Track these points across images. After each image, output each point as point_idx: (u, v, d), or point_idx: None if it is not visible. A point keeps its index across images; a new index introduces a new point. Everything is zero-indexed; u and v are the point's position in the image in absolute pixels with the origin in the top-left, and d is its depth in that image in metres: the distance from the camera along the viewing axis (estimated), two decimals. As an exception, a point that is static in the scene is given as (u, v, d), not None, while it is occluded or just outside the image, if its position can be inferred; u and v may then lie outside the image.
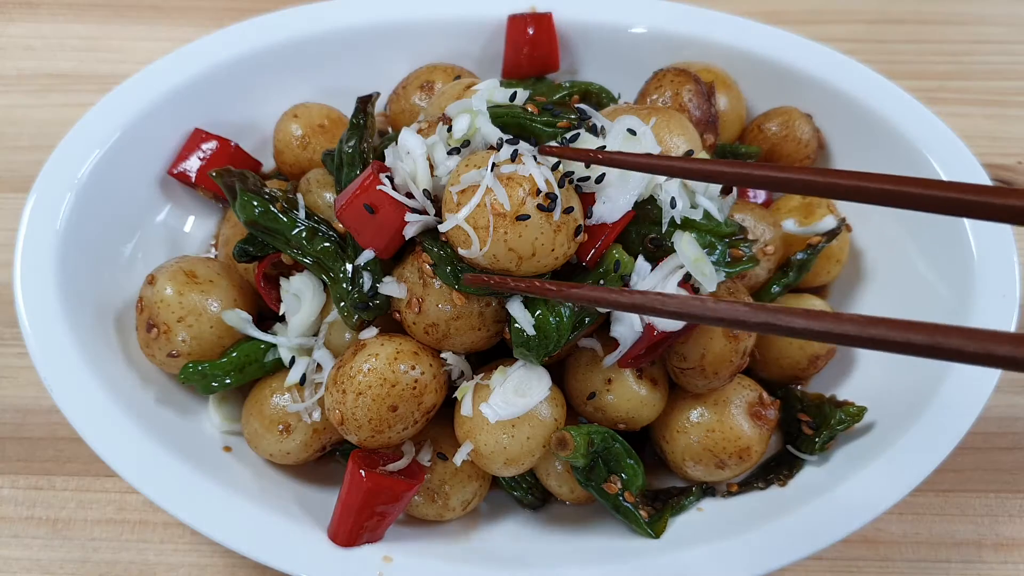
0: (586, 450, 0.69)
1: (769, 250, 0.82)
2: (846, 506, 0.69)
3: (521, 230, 0.61)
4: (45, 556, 0.80)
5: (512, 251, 0.62)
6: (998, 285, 0.77)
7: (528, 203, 0.61)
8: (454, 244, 0.64)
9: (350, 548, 0.69)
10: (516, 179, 0.61)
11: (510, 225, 0.61)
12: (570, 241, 0.64)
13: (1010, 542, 0.81)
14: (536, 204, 0.61)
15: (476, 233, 0.61)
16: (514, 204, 0.61)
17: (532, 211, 0.61)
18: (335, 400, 0.70)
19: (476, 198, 0.61)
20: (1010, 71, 1.17)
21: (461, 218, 0.62)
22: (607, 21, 0.96)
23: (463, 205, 0.62)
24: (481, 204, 0.61)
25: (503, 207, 0.60)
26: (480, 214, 0.61)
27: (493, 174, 0.61)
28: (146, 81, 0.86)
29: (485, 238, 0.61)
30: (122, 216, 0.85)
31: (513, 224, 0.61)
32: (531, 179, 0.61)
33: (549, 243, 0.62)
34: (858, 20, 1.22)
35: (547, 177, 0.62)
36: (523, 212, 0.61)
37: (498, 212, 0.60)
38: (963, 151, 0.83)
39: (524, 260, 0.62)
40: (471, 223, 0.62)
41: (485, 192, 0.61)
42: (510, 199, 0.61)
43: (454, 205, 0.63)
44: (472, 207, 0.61)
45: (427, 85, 0.90)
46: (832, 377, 0.84)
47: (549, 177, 0.62)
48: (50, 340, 0.73)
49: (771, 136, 0.91)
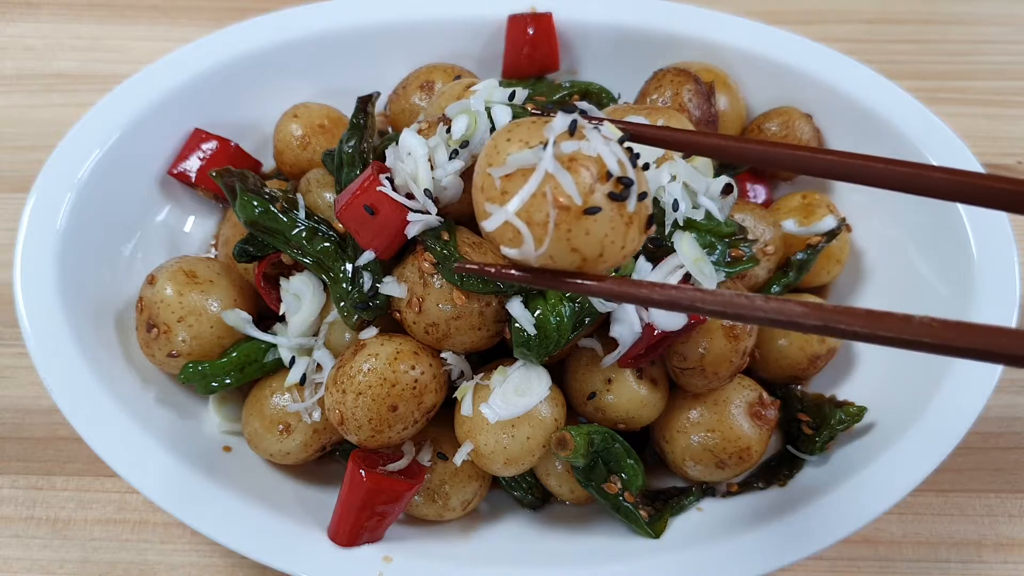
0: (586, 450, 0.69)
1: (769, 250, 0.82)
2: (846, 506, 0.69)
3: (589, 226, 0.48)
4: (45, 556, 0.80)
5: (576, 251, 0.48)
6: (998, 285, 0.77)
7: (598, 191, 0.47)
8: (495, 242, 0.50)
9: (350, 548, 0.69)
10: (581, 160, 0.48)
11: (575, 220, 0.47)
12: (642, 234, 0.51)
13: (1010, 542, 0.81)
14: (607, 192, 0.48)
15: (531, 230, 0.48)
16: (582, 193, 0.47)
17: (603, 201, 0.48)
18: (335, 400, 0.69)
19: (531, 185, 0.47)
20: (1010, 71, 1.17)
21: (511, 212, 0.48)
22: (607, 21, 0.96)
23: (511, 194, 0.48)
24: (538, 194, 0.47)
25: (569, 198, 0.47)
26: (537, 206, 0.47)
27: (553, 155, 0.47)
28: (146, 81, 0.86)
29: (542, 236, 0.48)
30: (122, 216, 0.85)
31: (579, 219, 0.47)
32: (599, 160, 0.48)
33: (620, 239, 0.49)
34: (858, 20, 1.22)
35: (619, 157, 0.49)
36: (593, 204, 0.47)
37: (562, 205, 0.47)
38: (963, 151, 0.83)
39: (588, 262, 0.49)
40: (524, 217, 0.48)
41: (544, 179, 0.47)
42: (577, 187, 0.47)
43: (497, 193, 0.49)
44: (526, 197, 0.48)
45: (427, 85, 0.90)
46: (832, 377, 0.83)
47: (622, 156, 0.49)
48: (50, 340, 0.73)
49: (771, 136, 0.91)
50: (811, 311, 0.43)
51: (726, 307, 0.45)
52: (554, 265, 0.49)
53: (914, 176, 0.45)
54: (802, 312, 0.43)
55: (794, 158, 0.50)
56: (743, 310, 0.45)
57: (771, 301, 0.44)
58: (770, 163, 0.52)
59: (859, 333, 0.41)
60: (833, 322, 0.42)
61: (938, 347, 0.40)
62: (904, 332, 0.40)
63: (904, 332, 0.40)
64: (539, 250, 0.48)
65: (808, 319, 0.43)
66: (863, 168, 0.47)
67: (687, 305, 0.46)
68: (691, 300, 0.46)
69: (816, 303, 0.44)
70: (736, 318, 0.46)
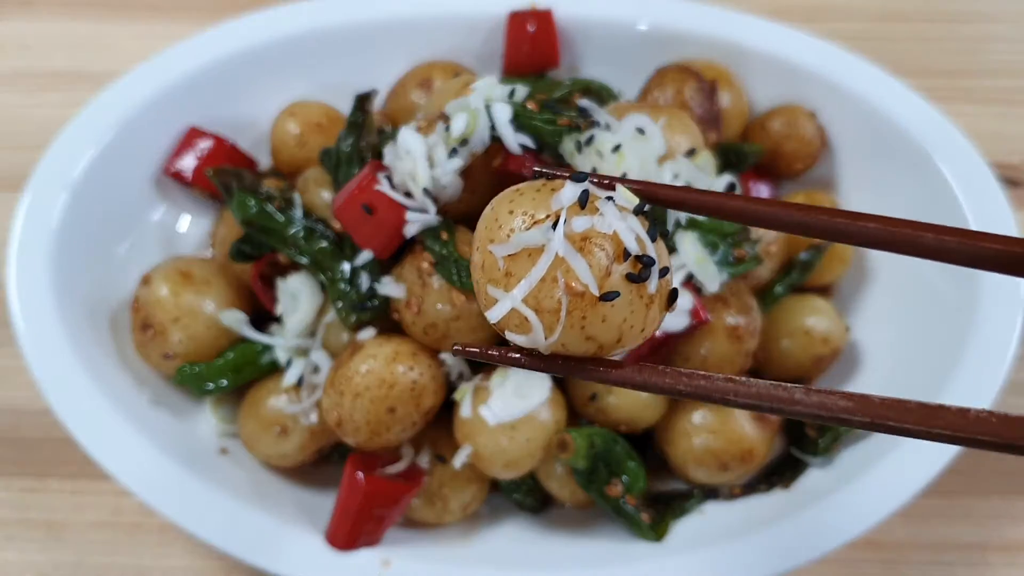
0: (587, 452, 0.69)
1: (772, 249, 0.81)
2: (851, 509, 0.68)
3: (606, 312, 0.42)
4: (40, 559, 0.79)
5: (591, 339, 0.43)
6: (1004, 283, 0.76)
7: (615, 273, 0.42)
8: (500, 328, 0.44)
9: (348, 552, 0.68)
10: (595, 239, 0.42)
11: (590, 307, 0.42)
12: (663, 312, 0.45)
13: (1016, 545, 0.81)
14: (625, 273, 0.42)
15: (540, 318, 0.42)
16: (598, 278, 0.41)
17: (621, 285, 0.42)
18: (332, 402, 0.69)
19: (539, 269, 0.41)
20: (1018, 69, 1.16)
21: (518, 299, 0.42)
22: (608, 17, 0.95)
23: (516, 277, 0.42)
24: (548, 279, 0.41)
25: (584, 285, 0.41)
26: (547, 293, 0.42)
27: (564, 235, 0.41)
28: (141, 79, 0.85)
29: (553, 324, 0.42)
30: (117, 215, 0.84)
31: (595, 306, 0.42)
32: (615, 238, 0.42)
33: (640, 322, 0.43)
34: (863, 17, 1.21)
35: (637, 232, 0.43)
36: (610, 289, 0.42)
37: (575, 291, 0.41)
38: (969, 149, 0.82)
39: (605, 348, 0.44)
40: (532, 304, 0.42)
41: (554, 262, 0.41)
42: (592, 271, 0.41)
43: (501, 275, 0.43)
44: (534, 283, 0.42)
45: (426, 82, 0.89)
46: (836, 378, 0.83)
47: (640, 231, 0.43)
48: (44, 341, 0.72)
49: (774, 134, 0.90)
50: (857, 406, 0.39)
51: (761, 399, 0.41)
52: (567, 352, 0.44)
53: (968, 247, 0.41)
54: (847, 407, 0.39)
55: (832, 225, 0.44)
56: (781, 404, 0.41)
57: (812, 394, 0.40)
58: (800, 230, 0.45)
59: (911, 430, 0.38)
60: (881, 418, 0.39)
61: (999, 445, 0.37)
62: (961, 429, 0.37)
63: (961, 429, 0.37)
64: (550, 339, 0.43)
65: (855, 415, 0.39)
66: (911, 237, 0.42)
67: (718, 397, 0.43)
68: (722, 392, 0.42)
69: (861, 396, 0.40)
70: (773, 411, 0.42)
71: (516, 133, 0.69)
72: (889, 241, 0.42)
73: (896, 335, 0.82)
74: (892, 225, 0.42)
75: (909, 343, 0.80)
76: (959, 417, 0.38)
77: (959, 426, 0.37)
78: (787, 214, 0.45)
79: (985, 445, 0.37)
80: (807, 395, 0.40)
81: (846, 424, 0.40)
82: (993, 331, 0.73)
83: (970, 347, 0.73)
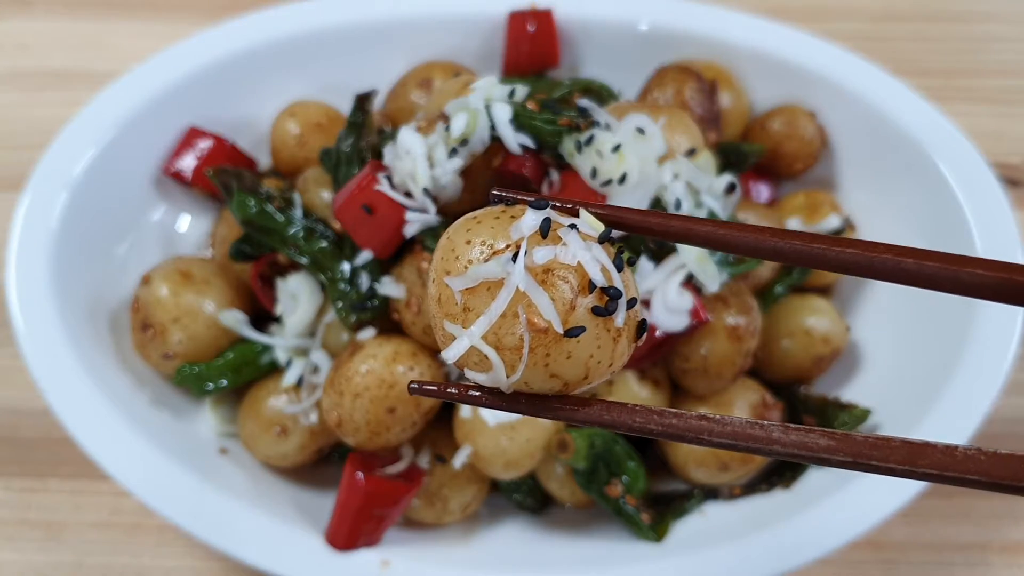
0: (587, 453, 0.68)
1: (773, 250, 0.81)
2: (851, 510, 0.68)
3: (571, 348, 0.39)
4: (39, 559, 0.79)
5: (556, 377, 0.40)
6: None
7: (580, 307, 0.39)
8: (459, 367, 0.41)
9: (348, 552, 0.68)
10: (558, 271, 0.39)
11: (554, 344, 0.39)
12: (631, 345, 0.43)
13: (1016, 546, 0.81)
14: (590, 307, 0.39)
15: (501, 356, 0.39)
16: (561, 313, 0.39)
17: (586, 319, 0.39)
18: (332, 402, 0.69)
19: (499, 304, 0.39)
20: (1018, 69, 1.15)
21: (476, 337, 0.39)
22: (608, 17, 0.95)
23: (474, 312, 0.39)
24: (508, 314, 0.38)
25: (547, 321, 0.38)
26: (508, 329, 0.39)
27: (525, 267, 0.38)
28: (141, 78, 0.85)
29: (515, 363, 0.39)
30: (117, 215, 0.84)
31: (559, 343, 0.39)
32: (579, 269, 0.39)
33: (607, 357, 0.40)
34: (863, 17, 1.21)
35: (602, 262, 0.40)
36: (575, 324, 0.39)
37: (537, 328, 0.38)
38: (969, 149, 0.82)
39: (571, 385, 0.41)
40: (492, 342, 0.39)
41: (515, 297, 0.38)
42: (556, 306, 0.38)
43: (459, 310, 0.40)
44: (493, 319, 0.39)
45: (426, 82, 0.89)
46: (836, 378, 0.83)
47: (605, 262, 0.40)
48: (44, 341, 0.72)
49: (774, 134, 0.90)
50: (838, 444, 0.37)
51: (737, 439, 0.39)
52: (530, 390, 0.41)
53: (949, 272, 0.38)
54: (827, 446, 0.37)
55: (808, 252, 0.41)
56: (758, 443, 0.39)
57: (791, 432, 0.38)
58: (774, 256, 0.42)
59: (895, 470, 0.37)
60: (864, 458, 0.37)
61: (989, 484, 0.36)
62: (948, 468, 0.36)
63: (948, 468, 0.36)
64: (512, 377, 0.40)
65: (835, 455, 0.37)
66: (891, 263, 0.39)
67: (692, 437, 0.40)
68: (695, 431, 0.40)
69: (843, 435, 0.38)
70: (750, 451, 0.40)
71: (516, 133, 0.69)
72: (868, 267, 0.40)
73: (896, 335, 0.82)
74: (871, 251, 0.39)
75: (909, 343, 0.80)
76: (946, 456, 0.36)
77: (946, 465, 0.36)
78: (759, 240, 0.41)
79: (974, 484, 0.36)
80: (785, 433, 0.38)
81: (828, 464, 0.38)
82: (993, 331, 0.73)
83: (971, 347, 0.73)
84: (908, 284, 0.39)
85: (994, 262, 0.37)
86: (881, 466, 0.37)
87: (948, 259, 0.38)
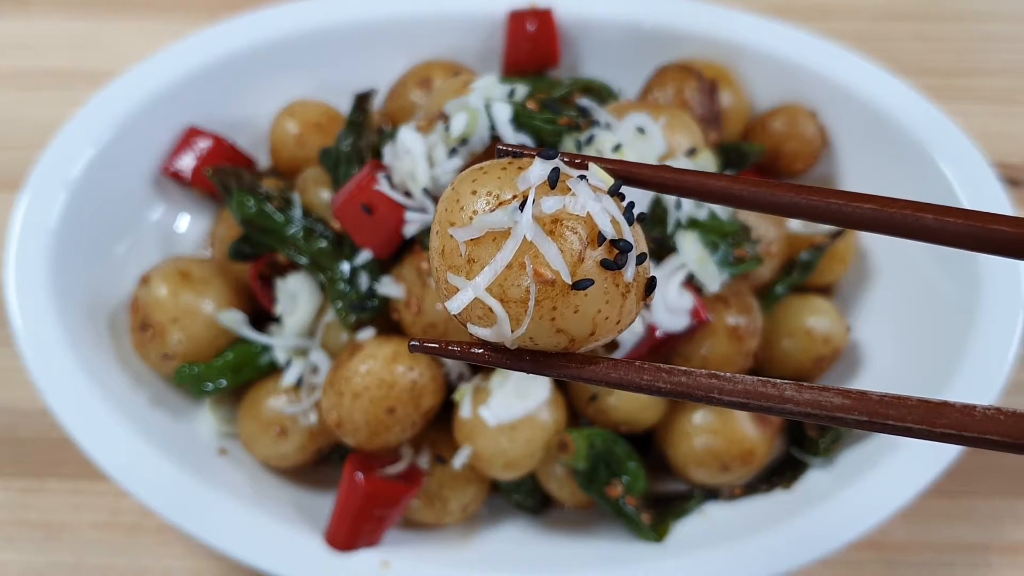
0: (587, 453, 0.68)
1: (773, 249, 0.80)
2: (852, 510, 0.68)
3: (579, 302, 0.38)
4: (38, 560, 0.79)
5: (562, 332, 0.38)
6: (1004, 283, 0.76)
7: (588, 259, 0.37)
8: (462, 321, 0.40)
9: (347, 553, 0.68)
10: (566, 221, 0.37)
11: (561, 297, 0.37)
12: (640, 303, 0.41)
13: (1018, 546, 0.80)
14: (599, 259, 0.38)
15: (506, 308, 0.38)
16: (570, 264, 0.37)
17: (594, 272, 0.37)
18: (332, 402, 0.69)
19: (505, 255, 0.37)
20: (1018, 69, 1.15)
21: (482, 288, 0.38)
22: (608, 16, 0.94)
23: (479, 264, 0.38)
24: (515, 265, 0.37)
25: (554, 272, 0.37)
26: (513, 281, 0.37)
27: (533, 216, 0.37)
28: (139, 78, 0.85)
29: (520, 316, 0.38)
30: (116, 215, 0.84)
31: (566, 295, 0.37)
32: (588, 220, 0.38)
33: (615, 313, 0.39)
34: (864, 15, 1.21)
35: (612, 214, 0.38)
36: (582, 276, 0.37)
37: (544, 279, 0.37)
38: (970, 149, 0.82)
39: (577, 342, 0.39)
40: (497, 294, 0.37)
41: (522, 247, 0.37)
42: (564, 257, 0.37)
43: (463, 262, 0.38)
44: (499, 270, 0.37)
45: (425, 81, 0.89)
46: (837, 379, 0.82)
47: (615, 213, 0.39)
48: (42, 341, 0.72)
49: (775, 134, 0.89)
50: (853, 403, 0.36)
51: (748, 397, 0.38)
52: (535, 347, 0.40)
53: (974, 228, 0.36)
54: (842, 405, 0.36)
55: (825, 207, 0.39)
56: (770, 402, 0.38)
57: (804, 391, 0.37)
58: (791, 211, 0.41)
59: (913, 430, 0.35)
60: (879, 416, 0.36)
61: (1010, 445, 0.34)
62: (967, 428, 0.34)
63: (967, 428, 0.34)
64: (517, 331, 0.38)
65: (851, 413, 0.36)
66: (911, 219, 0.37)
67: (701, 395, 0.39)
68: (705, 389, 0.39)
69: (859, 393, 0.37)
70: (762, 410, 0.39)
71: (516, 132, 0.69)
72: (887, 223, 0.38)
73: (897, 335, 0.82)
74: (890, 206, 0.37)
75: (910, 343, 0.80)
76: (965, 415, 0.35)
77: (965, 424, 0.34)
78: (775, 195, 0.40)
79: (994, 445, 0.34)
80: (799, 392, 0.37)
81: (841, 424, 0.37)
82: (994, 331, 0.73)
83: (971, 347, 0.73)
84: (928, 241, 0.38)
85: (1019, 218, 0.36)
86: (898, 425, 0.35)
87: (971, 215, 0.36)
